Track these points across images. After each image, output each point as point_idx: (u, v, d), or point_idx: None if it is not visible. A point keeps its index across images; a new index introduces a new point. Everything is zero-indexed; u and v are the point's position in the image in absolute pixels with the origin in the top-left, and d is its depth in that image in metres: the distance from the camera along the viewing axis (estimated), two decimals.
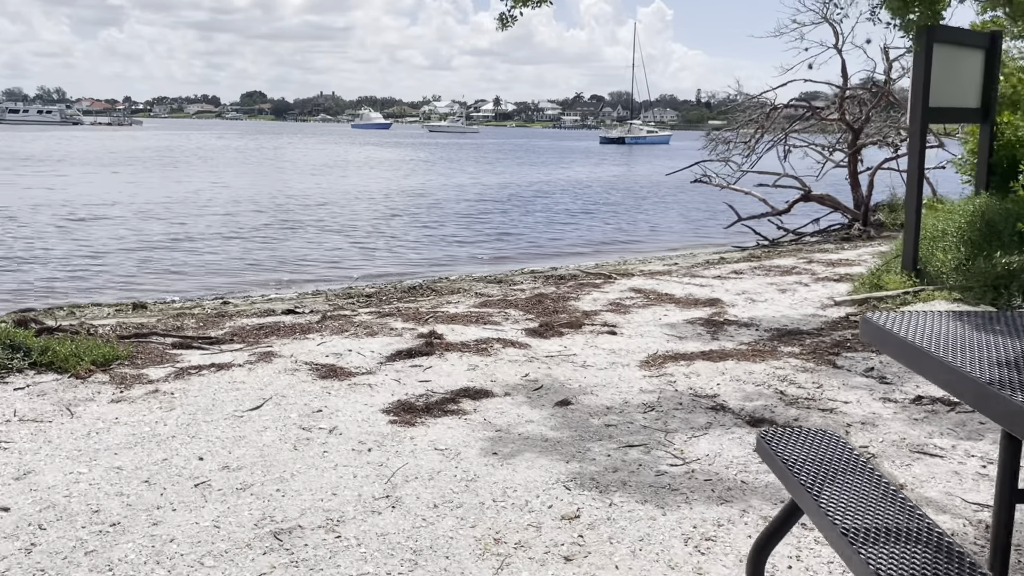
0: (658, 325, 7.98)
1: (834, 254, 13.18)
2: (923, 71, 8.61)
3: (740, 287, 10.06)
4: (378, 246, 18.57)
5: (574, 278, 11.20)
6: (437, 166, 54.10)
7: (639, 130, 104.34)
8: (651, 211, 27.89)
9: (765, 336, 7.52)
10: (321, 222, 22.76)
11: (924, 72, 8.61)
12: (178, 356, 6.69)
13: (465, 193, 32.98)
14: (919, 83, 8.66)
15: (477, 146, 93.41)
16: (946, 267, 8.74)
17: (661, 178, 45.11)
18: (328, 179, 40.03)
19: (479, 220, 23.89)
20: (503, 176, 44.75)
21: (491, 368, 6.31)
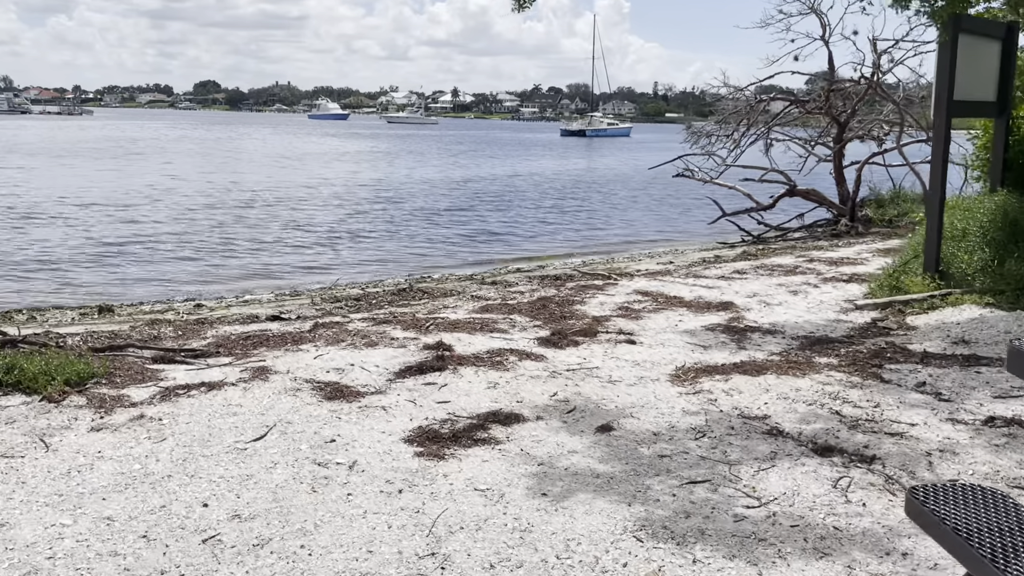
0: (676, 332, 7.45)
1: (831, 252, 12.78)
2: (948, 62, 8.17)
3: (749, 288, 9.58)
4: (349, 243, 17.85)
5: (570, 278, 10.65)
6: (401, 158, 53.17)
7: (600, 123, 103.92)
8: (625, 206, 27.44)
9: (794, 345, 7.03)
10: (286, 217, 21.87)
11: (950, 63, 8.17)
12: (161, 372, 6.01)
13: (434, 187, 32.25)
14: (944, 75, 8.21)
15: (438, 138, 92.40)
16: (971, 269, 8.31)
17: (629, 171, 44.79)
18: (290, 172, 38.98)
19: (451, 216, 23.21)
20: (469, 169, 44.01)
21: (513, 386, 5.72)
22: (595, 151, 72.12)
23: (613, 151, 71.46)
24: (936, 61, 8.32)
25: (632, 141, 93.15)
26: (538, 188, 33.14)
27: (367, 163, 47.94)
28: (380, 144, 74.01)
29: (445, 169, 43.53)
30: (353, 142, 77.58)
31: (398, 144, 74.51)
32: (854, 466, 4.38)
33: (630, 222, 23.05)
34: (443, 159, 53.08)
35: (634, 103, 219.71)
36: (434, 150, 65.07)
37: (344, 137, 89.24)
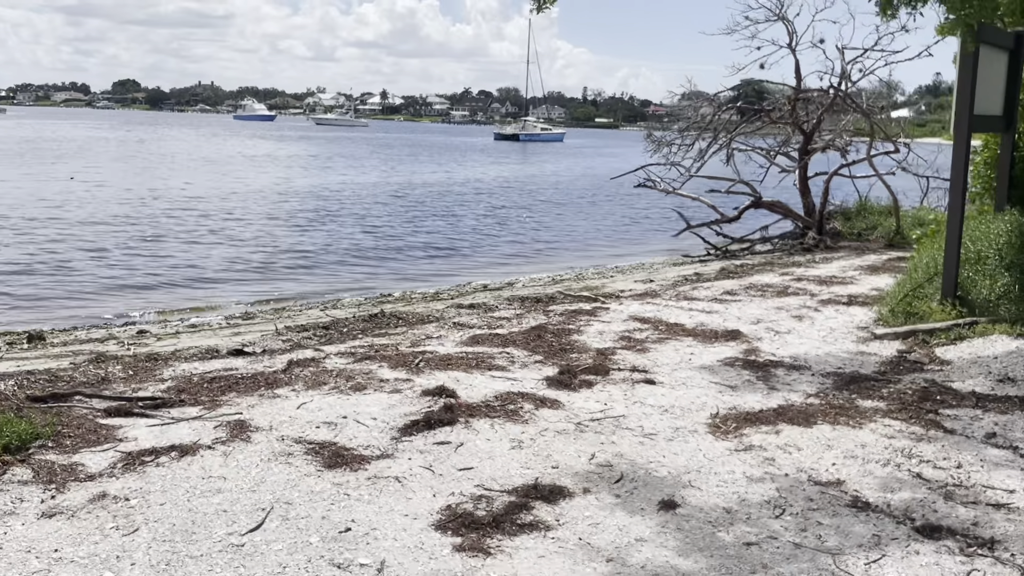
0: (693, 369, 6.75)
1: (814, 269, 12.27)
2: (971, 74, 7.65)
3: (748, 313, 8.95)
4: (292, 257, 16.68)
5: (553, 300, 9.89)
6: (336, 163, 51.68)
7: (534, 127, 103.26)
8: (575, 215, 26.79)
9: (828, 384, 6.38)
10: (218, 228, 20.32)
11: (972, 76, 7.65)
12: (118, 430, 5.07)
13: (374, 195, 31.11)
14: (966, 88, 7.69)
15: (369, 140, 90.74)
16: (992, 295, 7.80)
17: (571, 178, 44.32)
18: (220, 177, 37.29)
19: (397, 226, 22.18)
20: (407, 175, 42.84)
21: (540, 444, 4.93)
22: (531, 156, 71.51)
23: (550, 156, 70.95)
24: (957, 73, 7.79)
25: (566, 146, 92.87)
26: (482, 196, 32.27)
27: (300, 168, 46.35)
28: (312, 147, 72.20)
29: (383, 174, 42.34)
30: (283, 145, 75.58)
31: (330, 147, 72.79)
32: (976, 554, 3.70)
33: (586, 233, 22.40)
34: (379, 164, 51.73)
35: (564, 108, 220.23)
36: (368, 154, 63.58)
37: (273, 139, 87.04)
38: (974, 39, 7.30)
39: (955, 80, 7.90)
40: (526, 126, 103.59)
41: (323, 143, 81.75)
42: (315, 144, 78.72)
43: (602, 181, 40.26)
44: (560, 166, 56.51)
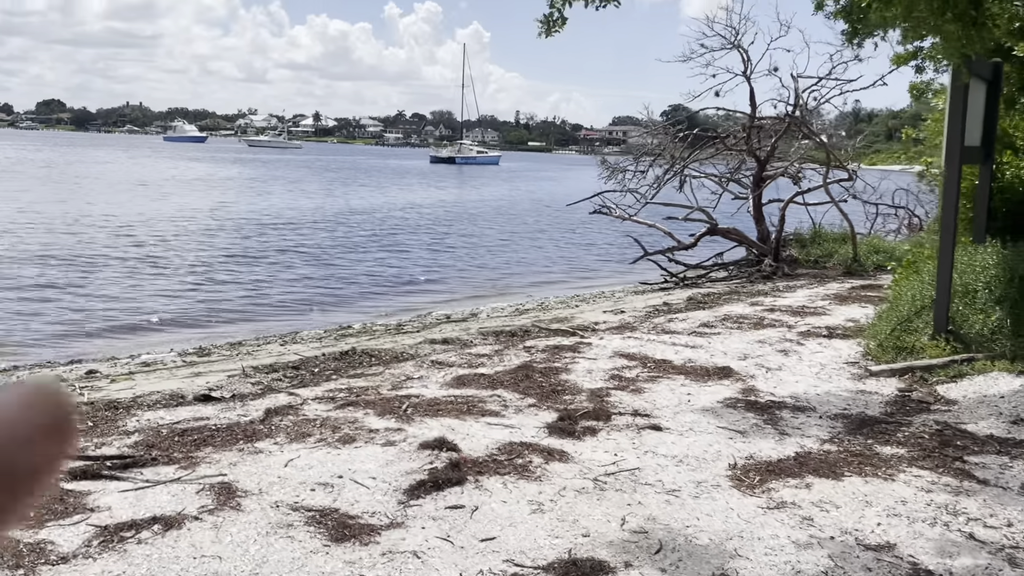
0: (696, 412, 6.43)
1: (781, 299, 12.11)
2: (961, 106, 7.53)
3: (732, 347, 8.68)
4: (238, 287, 15.91)
5: (528, 334, 9.51)
6: (273, 186, 50.55)
7: (470, 150, 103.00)
8: (522, 241, 26.48)
9: (839, 428, 6.11)
10: (156, 255, 19.41)
11: (963, 107, 7.53)
12: (88, 496, 4.52)
13: (315, 219, 30.36)
14: (957, 120, 7.56)
15: (305, 163, 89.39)
16: (986, 330, 7.65)
17: (512, 202, 44.08)
18: (152, 200, 36.05)
19: (342, 253, 21.55)
20: (346, 199, 42.03)
21: (562, 507, 4.53)
22: (469, 179, 71.24)
23: (488, 180, 70.75)
24: (948, 105, 7.67)
25: (503, 169, 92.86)
26: (426, 221, 31.74)
27: (235, 191, 45.18)
28: (248, 170, 70.77)
29: (323, 199, 41.47)
30: (217, 167, 73.97)
31: (265, 170, 71.44)
32: None
33: (539, 260, 22.04)
34: (318, 187, 50.79)
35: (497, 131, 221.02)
36: (306, 177, 62.51)
37: (206, 161, 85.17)
38: (969, 71, 7.17)
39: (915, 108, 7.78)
40: (462, 149, 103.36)
41: (259, 165, 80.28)
42: (250, 167, 77.26)
43: (546, 206, 40.18)
44: (500, 190, 56.28)
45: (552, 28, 6.32)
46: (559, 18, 6.20)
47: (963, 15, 6.93)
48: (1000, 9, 7.03)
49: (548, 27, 6.29)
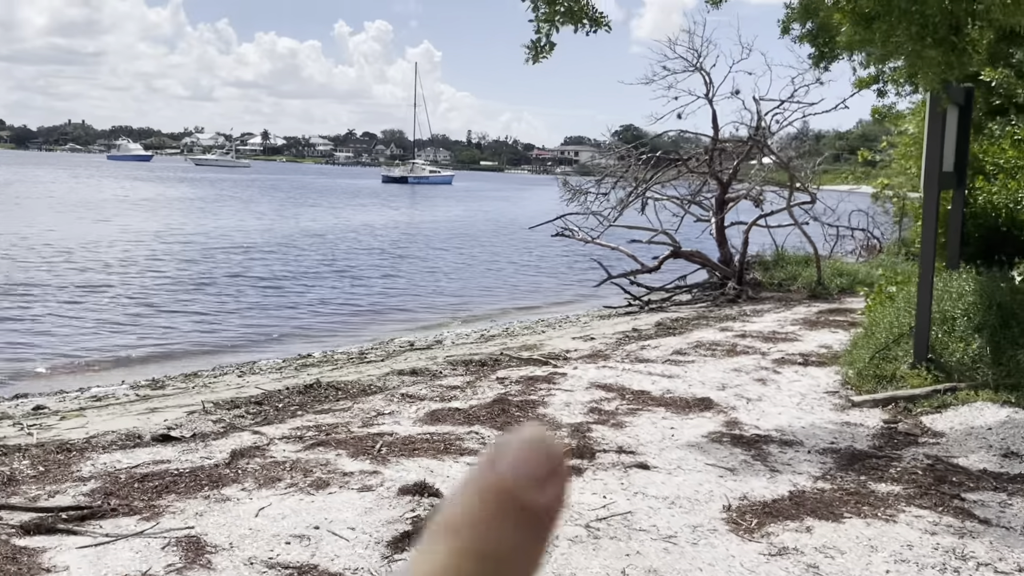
0: (681, 447, 6.21)
1: (750, 323, 12.00)
2: (940, 131, 7.46)
3: (709, 377, 8.49)
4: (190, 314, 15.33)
5: (498, 363, 9.24)
6: (222, 206, 49.60)
7: (422, 170, 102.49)
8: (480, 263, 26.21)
9: (830, 464, 5.93)
10: (101, 280, 18.67)
11: (941, 133, 7.45)
12: (43, 554, 4.15)
13: (267, 241, 29.82)
14: (935, 145, 7.49)
15: (254, 182, 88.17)
16: (966, 358, 7.56)
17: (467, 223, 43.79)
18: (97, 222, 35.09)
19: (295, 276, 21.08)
20: (300, 219, 41.41)
21: (559, 560, 4.26)
22: (423, 199, 70.81)
23: (441, 200, 70.37)
24: (926, 131, 7.59)
25: (456, 189, 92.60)
26: (380, 243, 31.24)
27: (183, 212, 44.12)
28: (194, 189, 69.53)
29: (272, 220, 40.72)
30: (163, 186, 72.60)
31: (213, 190, 70.22)
32: None
33: (499, 284, 21.78)
34: (267, 208, 49.89)
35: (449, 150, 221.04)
36: (254, 197, 61.53)
37: (152, 181, 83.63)
38: (950, 97, 7.10)
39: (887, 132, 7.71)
40: (415, 168, 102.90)
41: (206, 185, 78.89)
42: (198, 186, 75.90)
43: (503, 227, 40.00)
44: (455, 211, 55.89)
45: (539, 54, 6.09)
46: (546, 44, 5.97)
47: (943, 41, 6.86)
48: (979, 35, 6.97)
49: (536, 53, 6.05)
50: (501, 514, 0.34)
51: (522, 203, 65.85)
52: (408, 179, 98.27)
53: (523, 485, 0.34)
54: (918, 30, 6.92)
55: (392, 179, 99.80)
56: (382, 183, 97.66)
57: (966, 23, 6.82)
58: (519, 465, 0.34)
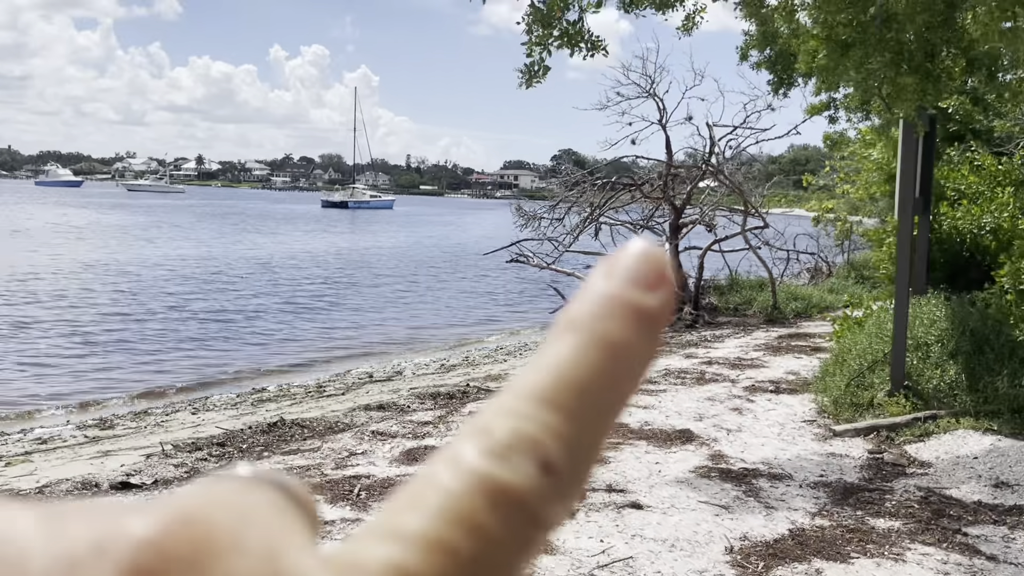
0: (672, 484, 6.02)
1: (713, 349, 11.93)
2: (914, 158, 7.46)
3: (684, 407, 8.35)
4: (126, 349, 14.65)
5: (466, 395, 8.98)
6: (156, 233, 48.41)
7: (362, 194, 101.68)
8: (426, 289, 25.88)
9: (824, 499, 5.80)
10: (30, 315, 18.04)
11: (915, 159, 7.45)
12: None
13: (209, 268, 29.13)
14: (909, 171, 7.48)
15: (190, 208, 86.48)
16: (943, 384, 7.53)
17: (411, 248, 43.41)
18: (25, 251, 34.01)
19: (239, 305, 20.54)
20: (239, 246, 40.56)
21: None
22: (364, 224, 70.10)
23: (383, 225, 69.76)
24: (899, 157, 7.58)
25: (397, 213, 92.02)
26: (324, 270, 30.69)
27: (116, 240, 42.81)
28: (127, 216, 67.84)
29: (210, 247, 39.77)
30: (95, 213, 70.76)
31: (148, 216, 68.59)
32: None
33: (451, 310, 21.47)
34: (204, 234, 48.80)
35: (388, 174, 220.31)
36: (191, 223, 60.19)
37: (82, 207, 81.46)
38: (925, 123, 7.10)
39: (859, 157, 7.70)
40: (355, 193, 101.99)
41: (141, 211, 77.00)
42: (132, 212, 74.08)
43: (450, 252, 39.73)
44: (398, 236, 55.34)
45: (534, 79, 5.89)
46: (540, 69, 5.79)
47: (919, 67, 6.86)
48: (953, 62, 6.99)
49: (530, 77, 5.86)
50: (621, 313, 0.35)
51: (466, 228, 65.72)
52: (348, 204, 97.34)
53: (637, 289, 0.36)
54: (892, 56, 6.92)
55: (332, 204, 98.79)
56: (322, 208, 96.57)
57: (941, 50, 6.84)
58: (632, 272, 0.36)
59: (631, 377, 0.36)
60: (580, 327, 0.36)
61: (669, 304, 0.39)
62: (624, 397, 0.36)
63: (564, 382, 0.34)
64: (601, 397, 0.35)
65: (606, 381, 0.35)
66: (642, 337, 0.37)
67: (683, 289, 16.67)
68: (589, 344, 0.36)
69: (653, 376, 9.92)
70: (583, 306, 0.37)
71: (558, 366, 0.35)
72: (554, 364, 0.35)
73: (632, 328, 0.36)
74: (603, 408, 0.35)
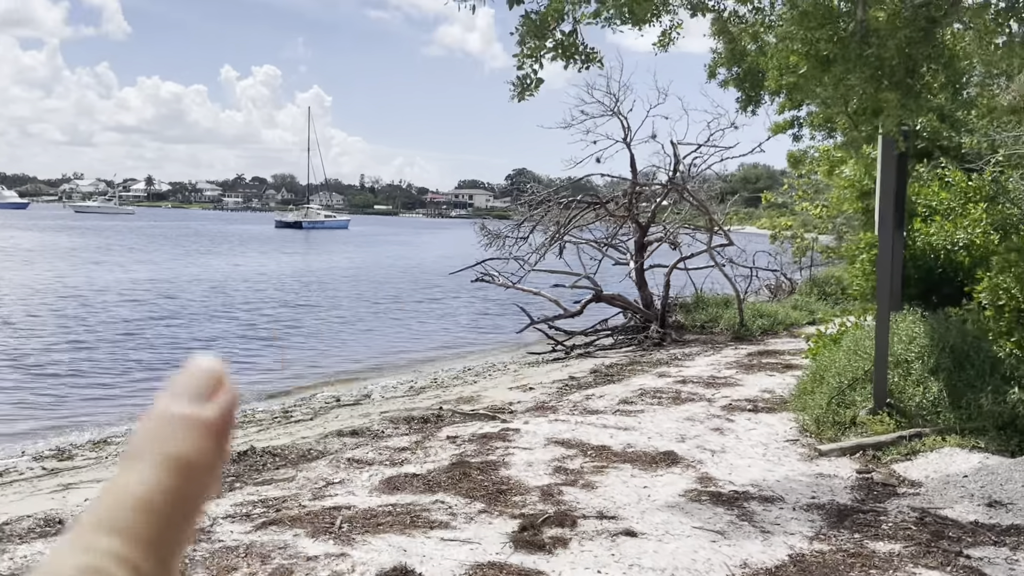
0: (663, 509, 5.86)
1: (685, 368, 11.83)
2: (894, 174, 7.43)
3: (664, 428, 8.20)
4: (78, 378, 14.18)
5: (440, 419, 8.76)
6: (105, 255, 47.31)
7: (317, 214, 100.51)
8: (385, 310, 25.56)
9: (819, 521, 5.67)
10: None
11: (895, 176, 7.43)
12: None
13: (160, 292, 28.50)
14: (890, 187, 7.45)
15: (140, 230, 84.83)
16: (926, 401, 7.48)
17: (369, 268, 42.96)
18: None
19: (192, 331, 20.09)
20: (192, 269, 39.68)
21: None
22: (319, 245, 69.31)
23: (338, 245, 69.03)
24: (880, 174, 7.55)
25: (352, 234, 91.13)
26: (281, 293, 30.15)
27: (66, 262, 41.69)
28: (77, 238, 66.36)
29: (162, 269, 38.87)
30: (43, 236, 69.14)
31: (97, 238, 67.14)
32: None
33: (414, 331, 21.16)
34: (155, 256, 47.80)
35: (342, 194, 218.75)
36: (141, 245, 59.00)
37: (30, 229, 79.54)
38: (905, 140, 7.07)
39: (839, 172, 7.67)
40: (309, 213, 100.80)
41: (90, 233, 75.32)
42: (81, 235, 72.47)
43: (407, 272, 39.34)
44: (355, 256, 54.79)
45: (526, 91, 5.73)
46: (533, 81, 5.63)
47: (901, 83, 6.83)
48: (932, 77, 6.97)
49: (522, 90, 5.69)
50: (182, 430, 0.37)
51: (423, 247, 65.39)
52: (303, 224, 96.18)
53: (196, 404, 0.38)
54: (872, 73, 6.88)
55: (286, 224, 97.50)
56: (276, 228, 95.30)
57: (922, 66, 6.81)
58: (189, 388, 0.38)
59: (202, 486, 0.39)
60: (144, 452, 0.38)
61: (229, 412, 0.43)
62: (198, 505, 0.39)
63: (131, 508, 0.36)
64: (172, 513, 0.37)
65: (175, 497, 0.38)
66: (207, 447, 0.39)
67: (648, 307, 16.63)
68: (154, 467, 0.38)
69: (628, 397, 9.78)
70: (146, 431, 0.39)
71: (125, 494, 0.37)
72: (122, 493, 0.37)
73: (195, 441, 0.39)
74: (175, 522, 0.37)
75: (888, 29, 6.64)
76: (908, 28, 6.56)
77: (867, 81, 6.89)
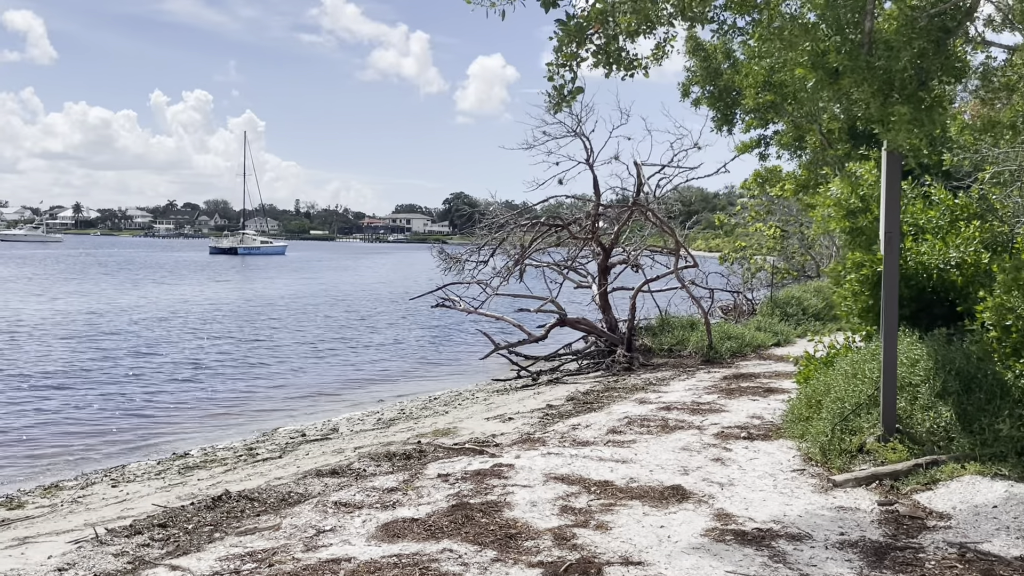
0: (688, 552, 5.42)
1: (663, 394, 11.46)
2: (898, 192, 7.17)
3: (662, 459, 7.80)
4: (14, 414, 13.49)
5: (423, 454, 8.22)
6: (34, 286, 45.65)
7: (253, 240, 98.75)
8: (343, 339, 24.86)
9: (856, 561, 5.30)
10: None
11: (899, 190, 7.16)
12: None
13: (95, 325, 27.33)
14: (895, 205, 7.19)
15: (68, 258, 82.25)
16: (937, 427, 7.19)
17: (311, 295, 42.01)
18: None
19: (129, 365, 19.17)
20: (124, 299, 38.31)
21: None
22: (256, 272, 67.79)
23: (276, 271, 67.65)
24: (883, 193, 7.29)
25: (290, 259, 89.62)
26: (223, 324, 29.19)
27: None
28: (2, 268, 63.97)
29: (95, 299, 37.48)
30: None
31: (24, 268, 64.86)
32: None
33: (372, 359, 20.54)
34: (87, 285, 46.11)
35: (277, 220, 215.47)
36: (71, 274, 57.03)
37: None
38: (917, 158, 6.82)
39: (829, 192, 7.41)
40: (244, 239, 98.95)
41: (14, 263, 72.54)
42: (5, 264, 69.86)
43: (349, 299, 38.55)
44: (294, 283, 53.66)
45: (564, 101, 5.30)
46: (573, 89, 5.19)
47: (912, 97, 6.57)
48: (942, 92, 6.74)
49: (560, 100, 5.26)
50: None
51: (363, 272, 64.48)
52: (238, 250, 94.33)
53: None
54: (880, 86, 6.62)
55: (221, 250, 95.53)
56: (210, 255, 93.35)
57: (933, 78, 6.57)
58: None
59: None
60: None
61: None
62: None
63: None
64: None
65: None
66: None
67: (613, 331, 16.28)
68: None
69: (615, 426, 9.36)
70: None
71: None
72: None
73: None
74: None
75: (899, 40, 6.38)
76: (922, 39, 6.31)
77: (874, 95, 6.62)
